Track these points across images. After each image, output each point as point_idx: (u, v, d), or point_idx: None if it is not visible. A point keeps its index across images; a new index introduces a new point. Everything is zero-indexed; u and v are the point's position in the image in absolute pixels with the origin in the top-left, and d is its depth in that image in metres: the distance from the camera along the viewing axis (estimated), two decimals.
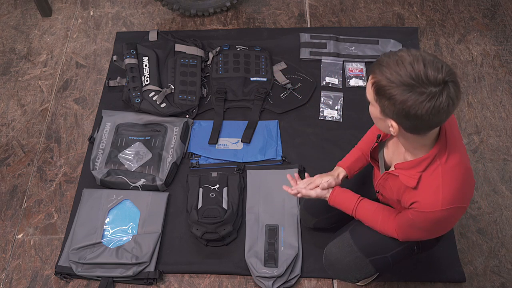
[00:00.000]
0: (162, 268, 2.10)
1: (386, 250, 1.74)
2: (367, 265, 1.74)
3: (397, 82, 1.27)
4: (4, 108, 2.67)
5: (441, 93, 1.25)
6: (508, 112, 2.56)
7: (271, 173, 2.33)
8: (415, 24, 2.94)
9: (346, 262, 1.76)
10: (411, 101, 1.26)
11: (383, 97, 1.32)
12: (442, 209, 1.43)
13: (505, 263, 2.11)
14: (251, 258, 2.07)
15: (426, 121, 1.30)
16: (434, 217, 1.47)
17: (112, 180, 2.29)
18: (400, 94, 1.27)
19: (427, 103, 1.25)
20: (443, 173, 1.43)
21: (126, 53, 2.63)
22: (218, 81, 2.63)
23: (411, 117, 1.29)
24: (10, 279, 2.13)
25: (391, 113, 1.33)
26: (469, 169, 1.50)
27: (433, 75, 1.25)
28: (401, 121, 1.34)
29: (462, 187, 1.45)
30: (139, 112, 2.52)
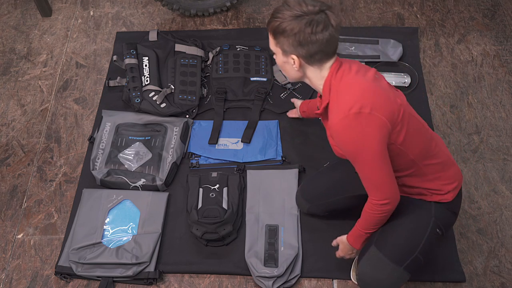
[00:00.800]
0: (162, 268, 2.10)
1: (415, 248, 1.72)
2: (403, 273, 1.72)
3: (287, 17, 1.52)
4: (4, 108, 2.68)
5: (320, 18, 1.51)
6: (508, 112, 2.56)
7: (271, 173, 2.33)
8: (415, 24, 2.94)
9: (383, 279, 1.73)
10: (298, 27, 1.51)
11: (279, 35, 1.56)
12: (341, 118, 1.52)
13: (505, 263, 2.11)
14: (251, 258, 2.07)
15: (314, 43, 1.52)
16: (340, 129, 1.54)
17: (112, 180, 2.29)
18: (289, 25, 1.52)
19: (308, 26, 1.50)
20: (337, 91, 1.58)
21: (126, 53, 2.63)
22: (218, 81, 2.63)
23: (303, 43, 1.53)
24: (10, 279, 2.13)
25: (288, 47, 1.56)
26: (370, 82, 1.57)
27: (310, 6, 1.52)
28: (297, 51, 1.55)
29: (360, 95, 1.53)
30: (139, 112, 2.52)
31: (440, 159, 1.72)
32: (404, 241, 1.73)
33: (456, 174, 1.78)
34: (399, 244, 1.73)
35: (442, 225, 1.77)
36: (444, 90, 2.65)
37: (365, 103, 1.51)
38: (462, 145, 2.44)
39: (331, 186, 2.04)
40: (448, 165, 1.75)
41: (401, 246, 1.73)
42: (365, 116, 1.51)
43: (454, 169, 1.78)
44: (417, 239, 1.73)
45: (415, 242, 1.73)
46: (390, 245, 1.73)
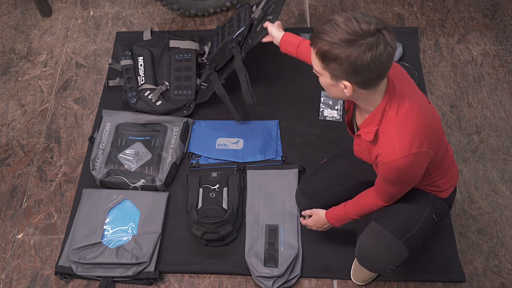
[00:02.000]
0: (162, 268, 2.10)
1: (413, 226, 1.75)
2: (401, 247, 1.74)
3: (338, 42, 1.35)
4: (4, 108, 2.67)
5: (378, 40, 1.34)
6: (508, 112, 2.56)
7: (271, 173, 2.33)
8: (415, 24, 2.94)
9: (382, 250, 1.75)
10: (355, 54, 1.34)
11: (329, 61, 1.39)
12: (401, 156, 1.48)
13: (505, 263, 2.11)
14: (251, 258, 2.07)
15: (374, 71, 1.37)
16: (396, 166, 1.50)
17: (112, 181, 2.29)
18: (344, 51, 1.35)
19: (369, 52, 1.34)
20: (396, 123, 1.49)
21: (121, 55, 2.64)
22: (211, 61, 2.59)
23: (360, 71, 1.37)
24: (10, 279, 2.13)
25: (341, 73, 1.40)
26: (425, 114, 1.52)
27: (366, 27, 1.35)
28: (352, 79, 1.41)
29: (418, 133, 1.48)
30: (138, 112, 2.52)
31: (446, 162, 1.74)
32: (404, 217, 1.76)
33: (454, 174, 1.82)
34: (399, 219, 1.76)
35: (438, 213, 1.81)
36: (444, 90, 2.65)
37: (422, 141, 1.49)
38: (462, 145, 2.44)
39: (329, 179, 2.04)
40: (450, 166, 1.78)
41: (401, 221, 1.76)
42: (422, 154, 1.51)
43: (454, 169, 1.81)
44: (416, 218, 1.76)
45: (414, 220, 1.76)
46: (390, 220, 1.76)
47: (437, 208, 1.80)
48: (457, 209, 2.25)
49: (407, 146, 1.48)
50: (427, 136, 1.50)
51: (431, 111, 1.58)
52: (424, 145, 1.49)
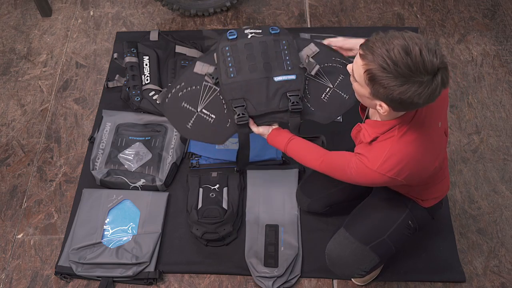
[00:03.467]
0: (162, 268, 2.11)
1: (383, 233, 1.75)
2: (369, 253, 1.74)
3: (395, 73, 1.27)
4: (4, 108, 2.68)
5: (436, 78, 1.27)
6: (508, 112, 2.56)
7: (271, 173, 2.33)
8: (415, 24, 2.94)
9: (347, 255, 1.76)
10: (410, 92, 1.27)
11: (377, 85, 1.32)
12: (376, 171, 1.47)
13: (505, 263, 2.11)
14: (251, 258, 2.07)
15: (420, 105, 1.34)
16: (366, 173, 1.50)
17: (112, 180, 2.29)
18: (399, 86, 1.28)
19: (425, 92, 1.27)
20: (392, 144, 1.47)
21: (127, 51, 2.63)
22: (230, 88, 1.86)
23: (406, 104, 1.32)
24: (10, 279, 2.13)
25: (384, 98, 1.34)
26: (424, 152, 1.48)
27: (430, 63, 1.25)
28: (393, 105, 1.36)
29: (404, 163, 1.46)
30: (138, 110, 2.52)
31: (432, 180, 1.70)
32: (372, 224, 1.77)
33: (441, 188, 1.78)
34: (367, 226, 1.77)
35: (416, 219, 1.79)
36: None
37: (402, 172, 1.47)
38: (462, 145, 2.44)
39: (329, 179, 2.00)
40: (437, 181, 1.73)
41: (368, 228, 1.76)
42: (394, 181, 1.50)
43: (442, 184, 1.76)
44: (387, 225, 1.76)
45: (384, 226, 1.75)
46: (357, 226, 1.78)
47: (414, 215, 1.77)
48: (457, 209, 2.25)
49: (387, 167, 1.47)
50: (411, 171, 1.48)
51: (435, 151, 1.52)
52: (402, 175, 1.48)
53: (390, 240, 1.76)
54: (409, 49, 1.25)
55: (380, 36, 1.30)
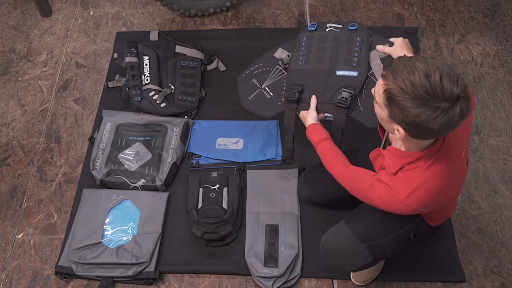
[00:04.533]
0: (162, 268, 2.11)
1: (382, 236, 1.75)
2: (364, 251, 1.74)
3: (412, 95, 1.26)
4: (4, 108, 2.67)
5: (454, 107, 1.25)
6: (508, 112, 2.56)
7: (271, 173, 2.33)
8: (415, 24, 2.94)
9: (342, 247, 1.76)
10: (425, 116, 1.26)
11: (394, 106, 1.31)
12: (402, 202, 1.48)
13: (505, 263, 2.11)
14: (251, 258, 2.07)
15: (435, 133, 1.32)
16: (390, 202, 1.51)
17: (112, 180, 2.29)
18: (414, 108, 1.27)
19: (440, 118, 1.26)
20: (420, 175, 1.46)
21: (127, 51, 2.63)
22: (295, 75, 1.99)
23: (421, 129, 1.31)
24: (10, 279, 2.13)
25: (400, 121, 1.34)
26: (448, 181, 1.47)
27: (449, 90, 1.24)
28: (409, 129, 1.35)
29: (432, 195, 1.47)
30: (138, 110, 2.52)
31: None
32: (373, 225, 1.75)
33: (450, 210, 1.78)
34: (368, 225, 1.76)
35: (418, 235, 1.78)
36: None
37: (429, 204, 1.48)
38: None
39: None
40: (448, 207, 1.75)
41: (368, 227, 1.75)
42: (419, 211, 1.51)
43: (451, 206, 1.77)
44: (388, 231, 1.75)
45: (385, 232, 1.74)
46: (358, 222, 1.77)
47: (418, 230, 1.77)
48: (457, 209, 2.25)
49: (412, 199, 1.47)
50: (436, 202, 1.50)
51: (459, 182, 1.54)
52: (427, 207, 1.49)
53: (388, 245, 1.75)
54: (429, 73, 1.24)
55: (404, 59, 1.30)
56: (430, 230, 1.80)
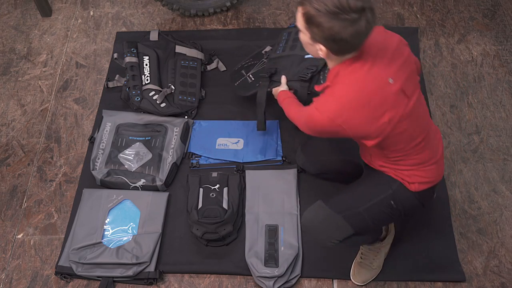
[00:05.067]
0: (162, 268, 2.11)
1: (357, 205, 1.78)
2: (341, 221, 1.76)
3: (324, 12, 1.44)
4: (4, 108, 2.67)
5: (361, 17, 1.44)
6: (508, 112, 2.56)
7: (270, 173, 2.33)
8: (415, 24, 2.94)
9: (319, 220, 1.80)
10: (337, 27, 1.45)
11: (312, 25, 1.50)
12: (317, 109, 1.60)
13: (505, 263, 2.11)
14: (252, 258, 2.07)
15: (349, 43, 1.49)
16: (310, 114, 1.63)
17: (112, 181, 2.29)
18: (328, 22, 1.45)
19: (350, 28, 1.44)
20: (333, 87, 1.61)
21: (127, 51, 2.63)
22: (272, 62, 2.35)
23: (337, 41, 1.49)
24: (10, 279, 2.13)
25: (320, 38, 1.52)
26: (364, 101, 1.56)
27: (353, 2, 1.42)
28: (328, 45, 1.53)
29: (341, 105, 1.57)
30: (138, 110, 2.52)
31: (418, 159, 1.73)
32: (349, 197, 1.82)
33: (429, 175, 1.77)
34: (343, 197, 1.83)
35: (400, 202, 1.78)
36: (444, 90, 2.65)
37: (340, 114, 1.56)
38: (462, 145, 2.44)
39: (330, 145, 2.09)
40: (427, 164, 1.75)
41: (344, 199, 1.82)
42: (336, 125, 1.58)
43: (430, 169, 1.77)
44: (365, 199, 1.78)
45: (361, 200, 1.78)
46: (334, 197, 1.84)
47: (398, 196, 1.77)
48: (457, 209, 2.25)
49: (325, 108, 1.59)
50: (348, 116, 1.56)
51: (379, 103, 1.58)
52: (338, 118, 1.57)
53: (366, 213, 1.77)
54: None
55: None
56: (415, 197, 1.78)
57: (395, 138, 1.64)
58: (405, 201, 1.79)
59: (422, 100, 1.71)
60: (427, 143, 1.71)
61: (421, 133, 1.69)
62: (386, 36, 1.67)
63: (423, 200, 1.81)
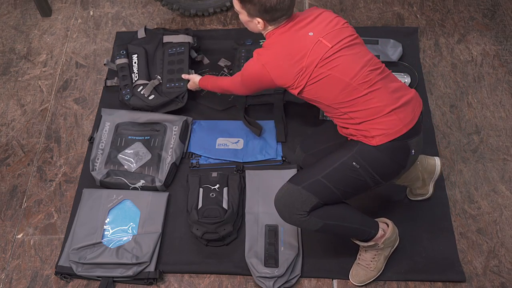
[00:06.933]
0: (162, 268, 2.11)
1: (316, 174, 1.83)
2: (302, 191, 1.81)
3: None
4: (4, 108, 2.67)
5: None
6: (508, 112, 2.56)
7: (270, 173, 2.33)
8: (415, 24, 2.94)
9: (281, 196, 1.86)
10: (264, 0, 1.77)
11: (246, 2, 1.82)
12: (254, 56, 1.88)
13: (505, 263, 2.11)
14: (252, 258, 2.07)
15: (278, 10, 1.80)
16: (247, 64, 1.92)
17: (112, 181, 2.29)
18: None
19: None
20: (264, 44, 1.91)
21: (117, 55, 2.64)
22: None
23: (268, 10, 1.80)
24: (10, 279, 2.13)
25: (255, 12, 1.83)
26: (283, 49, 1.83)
27: None
28: (263, 16, 1.83)
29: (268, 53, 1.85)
30: (134, 109, 2.51)
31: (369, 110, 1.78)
32: (310, 169, 1.89)
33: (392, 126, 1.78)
34: (302, 172, 1.93)
35: (363, 160, 1.80)
36: (444, 90, 2.65)
37: (265, 58, 1.85)
38: (462, 145, 2.45)
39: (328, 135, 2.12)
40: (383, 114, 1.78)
41: (305, 172, 1.90)
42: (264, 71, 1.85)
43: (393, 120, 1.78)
44: (323, 167, 1.85)
45: (319, 169, 1.85)
46: (297, 174, 1.94)
47: (359, 155, 1.80)
48: (457, 209, 2.25)
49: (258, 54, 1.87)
50: (272, 61, 1.83)
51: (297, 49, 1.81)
52: (265, 62, 1.84)
53: (326, 180, 1.81)
54: None
55: None
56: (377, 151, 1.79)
57: (319, 86, 1.80)
58: (367, 158, 1.81)
59: (360, 51, 1.83)
60: (370, 93, 1.78)
61: (354, 78, 1.78)
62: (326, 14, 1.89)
63: (392, 155, 1.81)
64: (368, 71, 1.80)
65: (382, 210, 2.21)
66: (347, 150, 1.84)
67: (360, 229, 1.94)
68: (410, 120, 1.81)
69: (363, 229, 1.94)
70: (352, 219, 1.91)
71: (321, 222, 1.84)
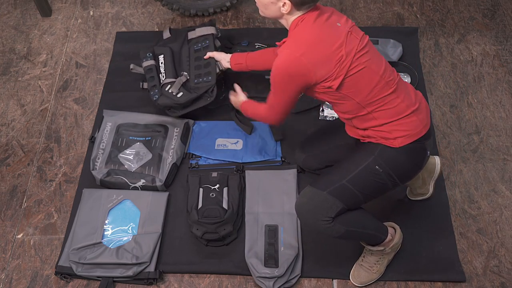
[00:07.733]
0: (162, 268, 2.11)
1: (341, 179, 1.80)
2: (327, 197, 1.77)
3: None
4: (4, 108, 2.67)
5: None
6: (508, 112, 2.56)
7: (270, 174, 2.33)
8: (415, 24, 2.94)
9: (305, 201, 1.81)
10: None
11: None
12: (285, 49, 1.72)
13: (505, 263, 2.11)
14: (252, 258, 2.07)
15: None
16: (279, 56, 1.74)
17: (112, 181, 2.29)
18: None
19: None
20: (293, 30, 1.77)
21: (143, 57, 2.58)
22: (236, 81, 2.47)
23: None
24: (10, 279, 2.13)
25: None
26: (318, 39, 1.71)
27: None
28: None
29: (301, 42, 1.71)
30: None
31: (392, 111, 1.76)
32: (333, 175, 1.84)
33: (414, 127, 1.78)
34: (328, 176, 1.86)
35: (385, 163, 1.79)
36: (444, 90, 2.65)
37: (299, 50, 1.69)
38: (462, 145, 2.45)
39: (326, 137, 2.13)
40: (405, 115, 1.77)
41: (328, 177, 1.85)
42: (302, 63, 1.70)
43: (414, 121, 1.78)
44: (348, 172, 1.81)
45: (344, 174, 1.81)
46: (320, 178, 1.88)
47: (382, 158, 1.78)
48: (457, 209, 2.25)
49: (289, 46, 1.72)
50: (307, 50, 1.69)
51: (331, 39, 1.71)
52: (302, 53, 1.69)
53: (351, 185, 1.78)
54: None
55: None
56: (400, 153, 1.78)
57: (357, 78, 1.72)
58: (390, 161, 1.79)
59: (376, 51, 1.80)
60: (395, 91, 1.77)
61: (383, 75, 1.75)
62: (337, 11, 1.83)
63: (412, 156, 1.81)
64: (390, 70, 1.79)
65: (382, 210, 2.21)
66: (368, 153, 1.81)
67: (374, 234, 1.93)
68: (427, 122, 1.82)
69: (376, 235, 1.94)
70: (369, 225, 1.91)
71: (343, 229, 1.81)
